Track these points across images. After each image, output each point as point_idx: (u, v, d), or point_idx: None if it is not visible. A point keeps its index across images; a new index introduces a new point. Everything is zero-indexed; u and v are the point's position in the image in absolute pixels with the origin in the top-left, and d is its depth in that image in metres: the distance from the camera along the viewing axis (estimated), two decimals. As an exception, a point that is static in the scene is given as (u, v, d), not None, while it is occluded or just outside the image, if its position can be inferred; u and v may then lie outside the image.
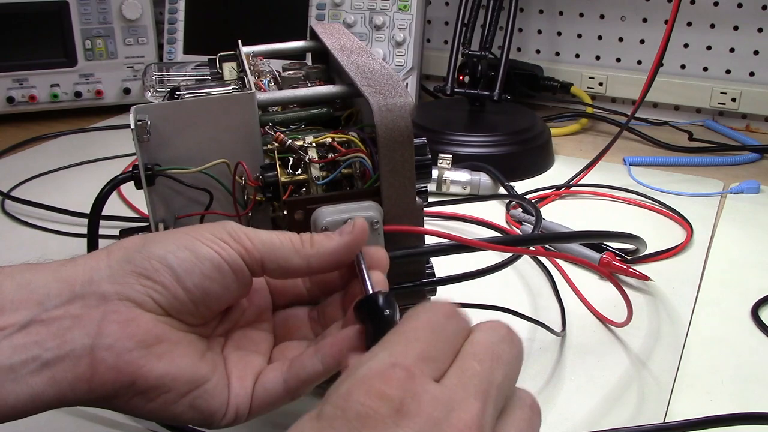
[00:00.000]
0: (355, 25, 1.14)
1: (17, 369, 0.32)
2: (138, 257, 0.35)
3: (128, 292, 0.34)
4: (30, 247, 0.75)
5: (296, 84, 0.55)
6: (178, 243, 0.35)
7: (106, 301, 0.34)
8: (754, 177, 0.91)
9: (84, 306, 0.34)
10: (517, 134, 0.96)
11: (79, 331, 0.33)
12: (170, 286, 0.34)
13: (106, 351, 0.33)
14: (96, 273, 0.35)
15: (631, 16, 1.17)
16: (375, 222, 0.42)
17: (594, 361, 0.56)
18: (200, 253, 0.35)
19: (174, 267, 0.34)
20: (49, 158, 0.99)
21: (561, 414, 0.51)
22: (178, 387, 0.34)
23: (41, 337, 0.33)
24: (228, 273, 0.35)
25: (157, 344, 0.34)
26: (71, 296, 0.34)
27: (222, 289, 0.35)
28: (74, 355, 0.33)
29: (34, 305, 0.33)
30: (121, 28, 1.15)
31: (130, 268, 0.34)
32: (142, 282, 0.34)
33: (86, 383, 0.33)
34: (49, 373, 0.32)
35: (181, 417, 0.35)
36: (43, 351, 0.32)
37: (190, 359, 0.35)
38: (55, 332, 0.33)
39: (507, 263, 0.53)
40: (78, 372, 0.33)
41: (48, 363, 0.32)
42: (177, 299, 0.35)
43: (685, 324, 0.61)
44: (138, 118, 0.44)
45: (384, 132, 0.42)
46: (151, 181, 0.45)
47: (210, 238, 0.36)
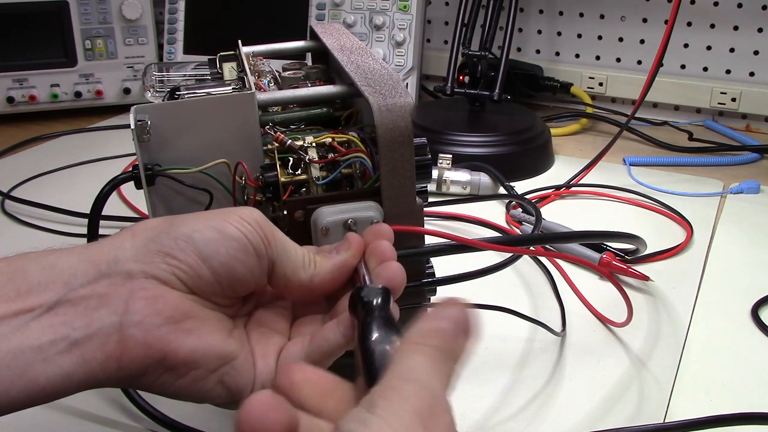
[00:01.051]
0: (355, 25, 1.14)
1: (46, 349, 0.32)
2: (164, 237, 0.35)
3: (153, 270, 0.34)
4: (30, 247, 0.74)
5: (296, 84, 0.55)
6: (206, 223, 0.35)
7: (132, 279, 0.34)
8: (754, 177, 0.91)
9: (110, 284, 0.33)
10: (517, 134, 0.96)
11: (107, 309, 0.33)
12: (195, 265, 0.34)
13: (135, 327, 0.33)
14: (121, 252, 0.35)
15: (631, 16, 1.18)
16: (375, 221, 0.42)
17: (594, 361, 0.56)
18: (227, 232, 0.35)
19: (200, 246, 0.35)
20: (49, 158, 0.99)
21: (561, 414, 0.51)
22: (207, 362, 0.34)
23: (69, 317, 0.33)
24: (253, 255, 0.35)
25: (186, 320, 0.34)
26: (97, 275, 0.34)
27: (246, 271, 0.36)
28: (103, 333, 0.33)
29: (61, 286, 0.33)
30: (121, 28, 1.15)
31: (156, 247, 0.35)
32: (168, 261, 0.34)
33: (116, 361, 0.33)
34: (78, 353, 0.32)
35: (210, 394, 0.35)
36: (71, 330, 0.32)
37: (219, 335, 0.35)
38: (83, 311, 0.33)
39: (507, 263, 0.53)
40: (107, 350, 0.33)
41: (77, 342, 0.32)
42: (202, 279, 0.35)
43: (685, 324, 0.61)
44: (138, 118, 0.44)
45: (384, 132, 0.42)
46: (151, 181, 0.45)
47: (237, 220, 0.36)
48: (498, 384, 0.54)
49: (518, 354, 0.57)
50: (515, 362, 0.56)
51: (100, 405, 0.51)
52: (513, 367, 0.56)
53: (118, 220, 0.77)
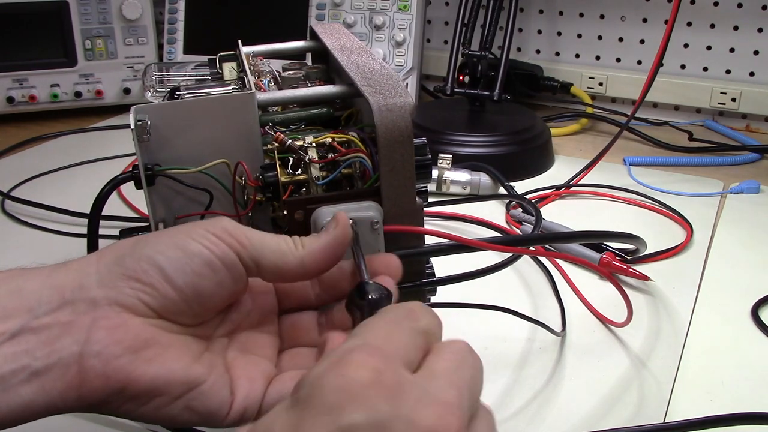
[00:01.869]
0: (355, 25, 1.14)
1: (7, 379, 0.32)
2: (128, 259, 0.35)
3: (117, 296, 0.34)
4: (30, 247, 0.75)
5: (296, 84, 0.55)
6: (169, 242, 0.35)
7: (96, 306, 0.34)
8: (754, 177, 0.91)
9: (73, 312, 0.33)
10: (517, 134, 0.96)
11: (68, 338, 0.33)
12: (159, 287, 0.34)
13: (95, 358, 0.33)
14: (86, 278, 0.34)
15: (631, 16, 1.17)
16: (375, 222, 0.42)
17: (594, 361, 0.56)
18: (190, 250, 0.35)
19: (162, 266, 0.34)
20: (49, 158, 0.99)
21: (561, 414, 0.51)
22: (170, 390, 0.34)
23: (31, 346, 0.33)
24: (220, 269, 0.35)
25: (147, 348, 0.34)
26: (61, 302, 0.34)
27: (215, 286, 0.35)
28: (63, 363, 0.33)
29: (25, 312, 0.33)
30: (121, 28, 1.15)
31: (120, 271, 0.34)
32: (131, 285, 0.34)
33: (75, 391, 0.33)
34: (38, 383, 0.32)
35: (177, 419, 0.35)
36: (32, 360, 0.32)
37: (183, 362, 0.35)
38: (45, 340, 0.33)
39: (507, 263, 0.53)
40: (67, 380, 0.33)
41: (37, 372, 0.32)
42: (167, 299, 0.34)
43: (685, 324, 0.61)
44: (138, 118, 0.44)
45: (384, 132, 0.42)
46: (151, 181, 0.45)
47: (202, 234, 0.35)
48: (498, 384, 0.54)
49: (518, 354, 0.57)
50: (515, 362, 0.56)
51: (100, 405, 0.51)
52: (513, 367, 0.56)
53: (118, 220, 0.76)
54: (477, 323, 0.60)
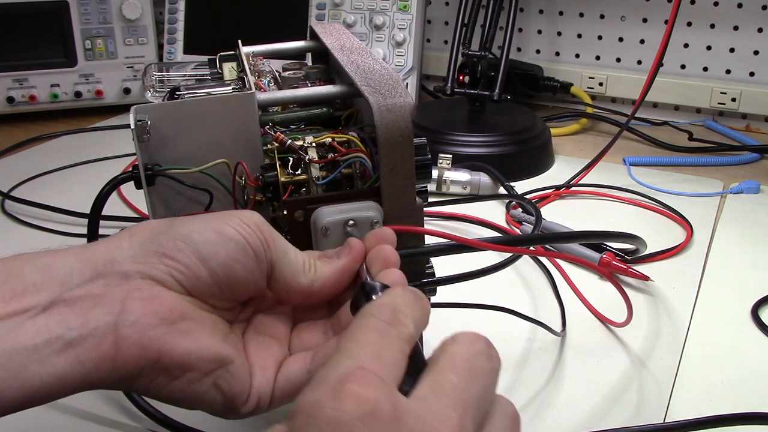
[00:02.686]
0: (355, 25, 1.14)
1: (41, 349, 0.32)
2: (162, 237, 0.35)
3: (150, 270, 0.34)
4: (30, 247, 0.74)
5: (296, 84, 0.55)
6: (205, 224, 0.35)
7: (128, 279, 0.34)
8: (754, 177, 0.91)
9: (106, 285, 0.33)
10: (517, 134, 0.96)
11: (102, 309, 0.33)
12: (193, 266, 0.34)
13: (130, 328, 0.33)
14: (118, 253, 0.34)
15: (631, 16, 1.17)
16: (375, 222, 0.42)
17: (594, 361, 0.56)
18: (227, 234, 0.35)
19: (198, 247, 0.34)
20: (49, 158, 0.99)
21: (561, 414, 0.51)
22: (202, 365, 0.34)
23: (64, 317, 0.32)
24: (252, 258, 0.35)
25: (181, 321, 0.34)
26: (93, 275, 0.34)
27: (246, 273, 0.35)
28: (98, 333, 0.32)
29: (57, 286, 0.33)
30: (121, 28, 1.15)
31: (154, 248, 0.34)
32: (165, 261, 0.34)
33: (111, 362, 0.33)
34: (73, 353, 0.32)
35: (204, 397, 0.35)
36: (66, 330, 0.32)
37: (215, 338, 0.35)
38: (78, 311, 0.33)
39: (507, 263, 0.53)
40: (102, 350, 0.32)
41: (72, 342, 0.32)
42: (200, 280, 0.35)
43: (685, 324, 0.61)
44: (138, 118, 0.44)
45: (384, 132, 0.42)
46: (151, 181, 0.45)
47: (238, 222, 0.36)
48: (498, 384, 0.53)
49: (518, 354, 0.57)
50: (515, 362, 0.56)
51: (100, 405, 0.51)
52: (513, 367, 0.56)
53: (118, 220, 0.77)
54: (477, 323, 0.60)
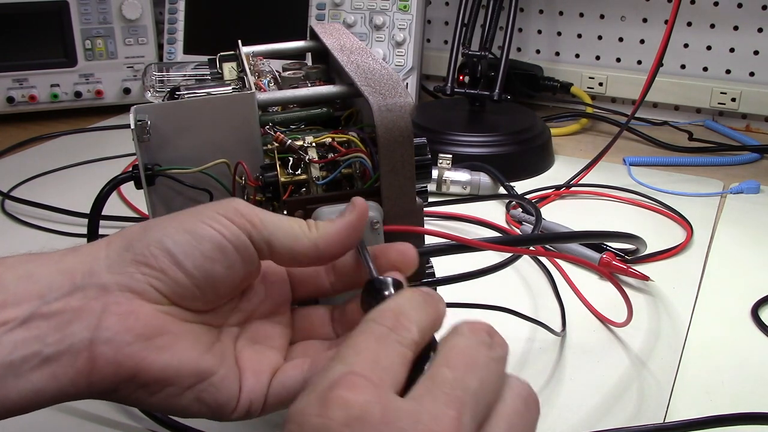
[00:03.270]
0: (355, 25, 1.14)
1: (18, 365, 0.32)
2: (137, 244, 0.34)
3: (128, 282, 0.33)
4: (30, 247, 0.74)
5: (296, 84, 0.55)
6: (177, 226, 0.35)
7: (107, 292, 0.33)
8: (754, 177, 0.91)
9: (84, 298, 0.33)
10: (517, 134, 0.96)
11: (79, 324, 0.33)
12: (169, 272, 0.34)
13: (105, 345, 0.32)
14: (96, 263, 0.34)
15: (631, 16, 1.17)
16: (375, 222, 0.41)
17: (594, 361, 0.56)
18: (199, 233, 0.34)
19: (172, 251, 0.34)
20: (49, 158, 0.99)
21: (561, 414, 0.51)
22: (181, 380, 0.34)
23: (42, 332, 0.32)
24: (231, 252, 0.35)
25: (158, 336, 0.33)
26: (72, 288, 0.33)
27: (226, 269, 0.35)
28: (74, 350, 0.32)
29: (36, 298, 0.33)
30: (121, 28, 1.15)
31: (130, 257, 0.34)
32: (141, 270, 0.34)
33: (86, 378, 0.32)
34: (49, 369, 0.32)
35: (187, 410, 0.34)
36: (43, 346, 0.32)
37: (195, 351, 0.34)
38: (56, 326, 0.32)
39: (507, 263, 0.53)
40: (77, 367, 0.32)
41: (48, 358, 0.32)
42: (178, 284, 0.34)
43: (685, 324, 0.61)
44: (138, 118, 0.44)
45: (384, 132, 0.42)
46: (151, 181, 0.45)
47: (212, 216, 0.35)
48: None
49: (518, 354, 0.57)
50: (515, 362, 0.56)
51: (100, 405, 0.51)
52: (513, 367, 0.56)
53: (118, 220, 0.77)
54: (477, 323, 0.60)
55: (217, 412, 0.35)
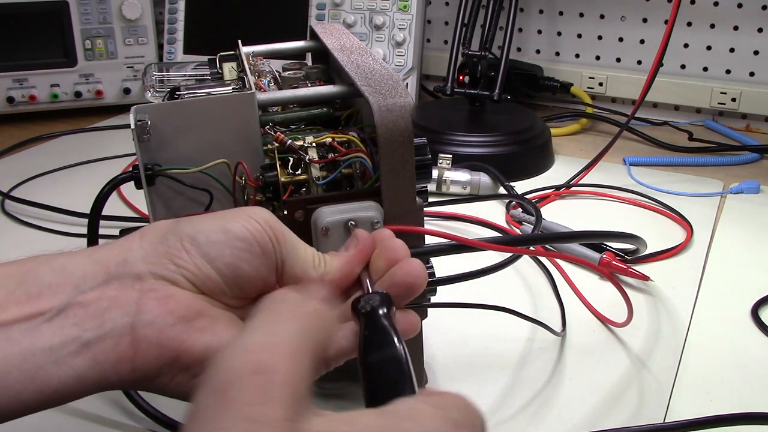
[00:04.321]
0: (355, 25, 1.14)
1: (57, 351, 0.32)
2: (170, 238, 0.35)
3: (162, 271, 0.34)
4: (30, 247, 0.75)
5: (296, 84, 0.55)
6: (211, 223, 0.35)
7: (142, 280, 0.34)
8: (754, 177, 0.91)
9: (120, 286, 0.34)
10: (517, 134, 0.96)
11: (118, 310, 0.33)
12: (201, 266, 0.35)
13: (148, 328, 0.33)
14: (130, 254, 0.35)
15: (631, 16, 1.18)
16: (375, 222, 0.42)
17: (594, 361, 0.56)
18: (232, 232, 0.35)
19: (204, 247, 0.35)
20: (49, 158, 0.99)
21: (561, 414, 0.51)
22: None
23: (80, 319, 0.32)
24: (259, 255, 0.35)
25: (198, 318, 0.34)
26: (107, 277, 0.34)
27: (253, 270, 0.35)
28: (115, 334, 0.33)
29: (71, 288, 0.33)
30: (121, 28, 1.15)
31: (163, 249, 0.35)
32: (175, 261, 0.34)
33: (129, 362, 0.33)
34: (90, 354, 0.32)
35: None
36: (82, 332, 0.32)
37: (232, 332, 0.35)
38: (94, 313, 0.33)
39: (507, 263, 0.53)
40: (120, 351, 0.32)
41: (89, 343, 0.32)
42: (209, 279, 0.35)
43: (685, 324, 0.61)
44: (138, 118, 0.44)
45: (384, 132, 0.42)
46: (151, 181, 0.45)
47: (245, 219, 0.36)
48: (498, 384, 0.54)
49: (518, 354, 0.57)
50: (515, 362, 0.56)
51: (100, 405, 0.51)
52: (513, 367, 0.56)
53: (118, 220, 0.77)
54: (477, 323, 0.60)
55: None
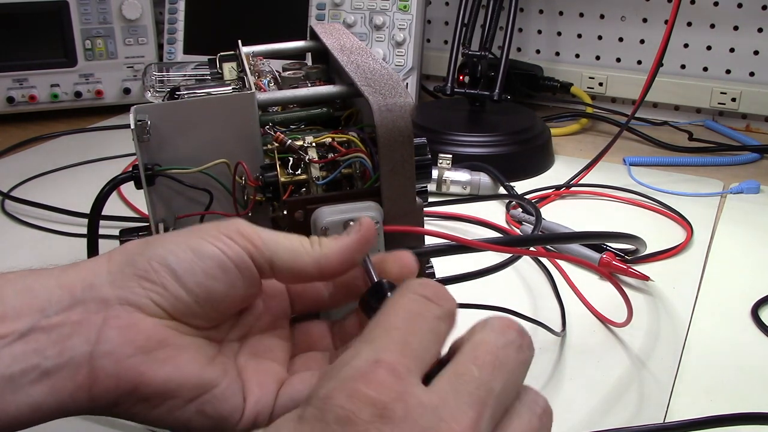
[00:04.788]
0: (355, 25, 1.14)
1: (17, 379, 0.31)
2: (139, 259, 0.34)
3: (129, 295, 0.33)
4: (30, 247, 0.75)
5: (296, 84, 0.55)
6: (180, 243, 0.34)
7: (107, 306, 0.33)
8: (754, 177, 0.91)
9: (85, 311, 0.33)
10: (517, 134, 0.96)
11: (79, 337, 0.32)
12: (171, 287, 0.34)
13: (105, 358, 0.32)
14: (97, 278, 0.34)
15: (631, 16, 1.17)
16: (375, 222, 0.41)
17: (594, 361, 0.56)
18: (202, 251, 0.34)
19: (174, 267, 0.34)
20: (49, 158, 0.99)
21: (561, 414, 0.51)
22: (183, 392, 0.33)
23: (41, 345, 0.32)
24: (233, 271, 0.34)
25: (160, 349, 0.33)
26: (72, 302, 0.33)
27: (227, 288, 0.34)
28: (73, 363, 0.32)
29: (36, 312, 0.33)
30: (121, 28, 1.15)
31: (131, 271, 0.34)
32: (143, 284, 0.33)
33: (86, 391, 0.32)
34: (49, 383, 0.32)
35: (189, 423, 0.34)
36: (42, 359, 0.32)
37: (197, 364, 0.34)
38: (55, 339, 0.32)
39: (507, 264, 0.53)
40: (77, 380, 0.32)
41: (48, 372, 0.32)
42: (179, 300, 0.34)
43: (685, 324, 0.61)
44: (138, 118, 0.44)
45: (384, 132, 0.42)
46: (151, 181, 0.45)
47: (215, 235, 0.35)
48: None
49: (518, 354, 0.57)
50: (515, 362, 0.56)
51: (100, 405, 0.51)
52: (513, 367, 0.56)
53: (118, 220, 0.76)
54: (477, 323, 0.60)
55: (220, 424, 0.34)
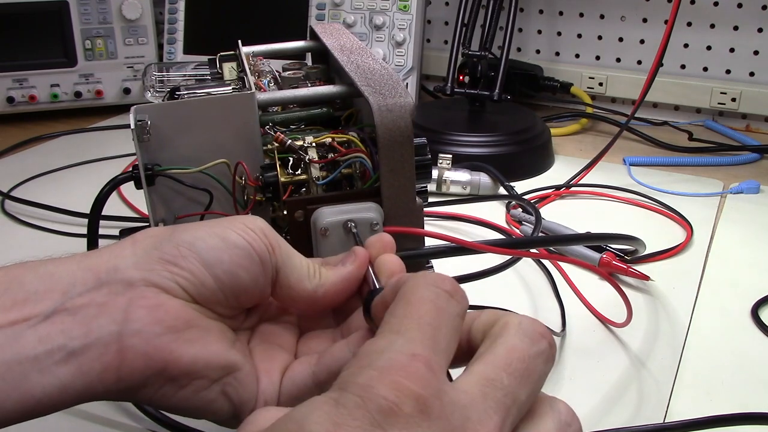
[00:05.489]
0: (355, 25, 1.14)
1: (42, 360, 0.31)
2: (166, 244, 0.34)
3: (154, 278, 0.33)
4: (30, 247, 0.75)
5: (296, 84, 0.55)
6: (209, 230, 0.35)
7: (132, 287, 0.33)
8: (754, 177, 0.91)
9: (109, 293, 0.33)
10: (517, 134, 0.96)
11: (106, 318, 0.32)
12: (198, 273, 0.34)
13: (135, 337, 0.32)
14: (121, 260, 0.34)
15: (631, 16, 1.18)
16: (375, 223, 0.42)
17: (594, 361, 0.56)
18: (231, 240, 0.34)
19: (203, 253, 0.34)
20: (49, 158, 0.99)
21: (561, 414, 0.51)
22: (209, 372, 0.33)
23: (66, 326, 0.32)
24: (257, 263, 0.35)
25: (187, 329, 0.33)
26: (96, 283, 0.33)
27: (250, 279, 0.35)
28: (101, 342, 0.32)
29: (59, 294, 0.32)
30: (121, 28, 1.15)
31: (157, 255, 0.34)
32: (169, 268, 0.33)
33: (115, 372, 0.32)
34: (76, 363, 0.31)
35: (212, 405, 0.34)
36: (68, 340, 0.31)
37: (222, 345, 0.34)
38: (81, 320, 0.32)
39: (507, 265, 0.53)
40: (106, 360, 0.32)
41: (74, 352, 0.31)
42: (205, 287, 0.34)
43: (685, 324, 0.61)
44: (138, 118, 0.44)
45: (384, 132, 0.42)
46: (151, 181, 0.45)
47: (242, 228, 0.35)
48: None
49: (518, 354, 0.57)
50: (515, 362, 0.56)
51: (100, 405, 0.51)
52: (513, 367, 0.56)
53: (118, 220, 0.76)
54: (477, 323, 0.60)
55: (239, 409, 0.35)
